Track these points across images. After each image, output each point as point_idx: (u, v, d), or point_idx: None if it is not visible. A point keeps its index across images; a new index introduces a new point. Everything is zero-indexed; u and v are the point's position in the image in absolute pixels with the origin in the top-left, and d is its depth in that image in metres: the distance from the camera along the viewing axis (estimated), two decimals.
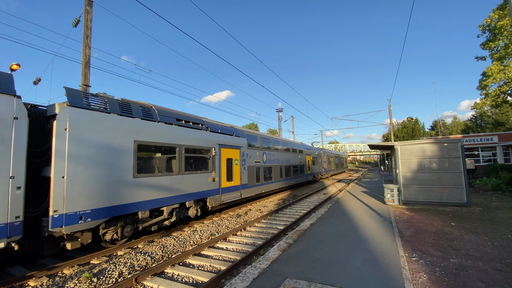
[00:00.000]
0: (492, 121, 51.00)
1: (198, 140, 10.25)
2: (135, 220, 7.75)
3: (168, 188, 8.59)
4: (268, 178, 16.57)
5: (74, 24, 10.43)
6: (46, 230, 5.67)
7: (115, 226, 7.14)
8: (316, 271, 4.87)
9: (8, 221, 4.98)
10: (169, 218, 8.78)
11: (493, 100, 18.32)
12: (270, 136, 19.45)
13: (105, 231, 6.96)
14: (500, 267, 4.95)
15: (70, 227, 5.88)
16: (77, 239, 6.33)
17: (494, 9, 16.91)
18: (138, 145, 7.68)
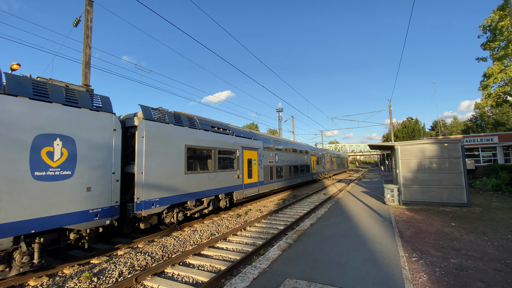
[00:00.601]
0: (492, 121, 50.96)
1: (227, 143, 12.20)
2: (185, 208, 9.61)
3: (207, 182, 10.59)
4: (280, 176, 18.34)
5: (75, 24, 10.44)
6: (131, 213, 7.50)
7: (172, 212, 8.98)
8: (316, 271, 4.87)
9: (111, 205, 6.85)
10: (208, 208, 10.72)
11: (494, 100, 18.33)
12: (281, 138, 21.66)
13: (166, 215, 8.74)
14: (500, 267, 4.95)
15: (147, 211, 7.74)
16: (148, 220, 8.12)
17: (494, 10, 16.91)
18: (187, 148, 9.59)
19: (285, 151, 20.05)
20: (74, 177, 6.14)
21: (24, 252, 5.20)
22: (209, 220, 10.87)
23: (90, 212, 6.39)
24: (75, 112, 6.34)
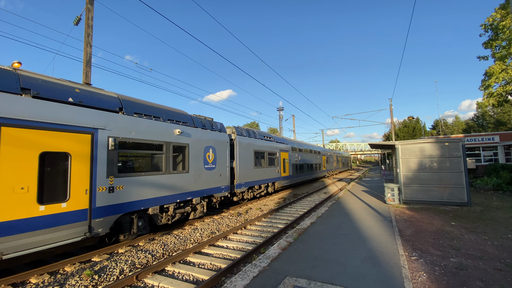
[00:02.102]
0: (493, 120, 50.83)
1: (272, 147, 17.41)
2: (253, 190, 14.95)
3: (263, 174, 15.67)
4: (302, 172, 23.43)
5: (75, 22, 10.44)
6: (233, 190, 12.55)
7: (248, 192, 14.31)
8: (316, 270, 4.89)
9: (228, 184, 11.81)
10: (264, 191, 16.09)
11: (496, 100, 18.25)
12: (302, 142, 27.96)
13: (246, 193, 14.06)
14: (500, 266, 4.96)
15: (239, 189, 12.93)
16: (238, 195, 13.28)
17: (496, 9, 16.80)
18: (254, 151, 14.87)
19: (304, 152, 24.74)
20: (216, 168, 11.06)
21: (202, 205, 10.17)
22: (210, 218, 10.90)
23: (221, 187, 11.35)
24: (214, 133, 11.22)
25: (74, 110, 6.12)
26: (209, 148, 10.61)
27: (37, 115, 5.44)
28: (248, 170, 13.90)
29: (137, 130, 7.52)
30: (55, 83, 6.20)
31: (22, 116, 5.19)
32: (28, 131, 5.28)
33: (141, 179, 7.49)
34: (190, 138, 9.56)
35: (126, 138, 7.17)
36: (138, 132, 7.52)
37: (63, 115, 5.88)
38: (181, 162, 9.29)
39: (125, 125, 7.19)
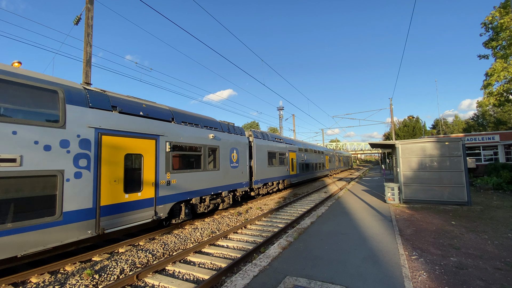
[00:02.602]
0: (494, 120, 50.80)
1: (282, 148, 19.04)
2: (267, 186, 16.56)
3: (275, 172, 17.37)
4: (307, 170, 25.01)
5: (75, 22, 10.43)
6: (251, 186, 14.26)
7: (263, 187, 15.90)
8: (316, 269, 4.90)
9: (247, 181, 13.52)
10: (276, 187, 17.92)
11: (496, 99, 18.23)
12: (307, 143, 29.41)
13: (261, 189, 15.73)
14: (500, 265, 4.96)
15: (256, 185, 14.59)
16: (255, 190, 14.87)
17: (495, 7, 16.78)
18: (268, 152, 16.45)
19: (310, 152, 26.21)
20: (238, 167, 12.78)
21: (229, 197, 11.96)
22: (210, 218, 10.91)
23: (242, 183, 13.13)
24: (237, 137, 13.08)
25: (144, 121, 7.92)
26: (233, 149, 12.50)
27: (122, 126, 7.15)
28: (263, 169, 15.66)
29: (184, 135, 9.37)
30: (130, 100, 8.02)
31: (113, 127, 6.91)
32: (117, 138, 7.00)
33: (187, 175, 9.33)
34: (220, 141, 11.38)
35: (177, 142, 8.98)
36: (184, 137, 9.38)
37: (137, 125, 7.65)
38: (213, 161, 11.10)
39: (176, 131, 9.02)
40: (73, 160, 6.03)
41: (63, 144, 5.89)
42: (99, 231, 6.30)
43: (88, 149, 6.35)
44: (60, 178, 5.73)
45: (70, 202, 5.85)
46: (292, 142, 21.94)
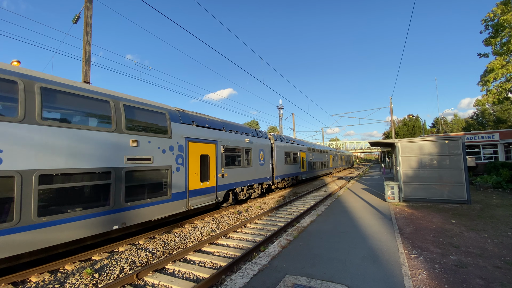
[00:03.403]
0: (493, 118, 50.79)
1: (295, 148, 21.87)
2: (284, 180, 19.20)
3: (290, 169, 20.13)
4: (314, 168, 27.56)
5: (74, 21, 10.39)
6: (273, 180, 16.95)
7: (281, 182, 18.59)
8: (316, 268, 4.90)
9: (270, 176, 16.49)
10: (290, 182, 20.62)
11: (495, 97, 18.21)
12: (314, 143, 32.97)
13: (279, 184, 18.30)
14: (500, 264, 4.96)
15: (277, 180, 17.36)
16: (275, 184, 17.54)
17: (497, 4, 16.72)
18: (284, 152, 19.21)
19: (316, 152, 28.99)
20: (264, 165, 15.48)
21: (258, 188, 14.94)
22: (210, 217, 10.91)
23: (267, 178, 15.83)
24: (263, 140, 15.90)
25: (209, 131, 10.92)
26: (260, 150, 15.44)
27: (198, 134, 10.10)
28: (281, 166, 18.51)
29: (231, 140, 12.32)
30: (200, 116, 10.97)
31: (193, 136, 9.81)
32: (196, 143, 9.90)
33: (233, 170, 12.27)
34: (252, 144, 14.26)
35: (227, 145, 11.88)
36: (231, 142, 12.30)
37: (205, 134, 10.61)
38: (248, 160, 13.89)
39: (226, 137, 11.97)
40: (175, 159, 8.81)
41: (170, 148, 8.65)
42: (189, 207, 9.23)
43: (182, 151, 9.17)
44: (169, 171, 8.51)
45: (174, 187, 8.62)
46: (302, 143, 24.85)
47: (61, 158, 5.82)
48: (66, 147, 5.94)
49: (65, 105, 6.48)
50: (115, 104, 7.18)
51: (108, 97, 7.15)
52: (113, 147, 6.90)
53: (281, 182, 18.74)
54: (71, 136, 6.06)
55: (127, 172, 7.12)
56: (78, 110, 6.74)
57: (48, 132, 5.67)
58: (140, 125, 7.99)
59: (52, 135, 5.73)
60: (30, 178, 5.27)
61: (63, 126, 6.01)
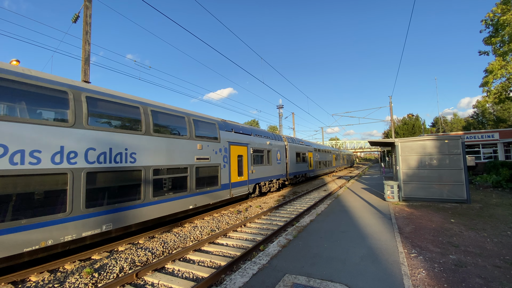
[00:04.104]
0: (493, 118, 50.79)
1: (304, 148, 24.40)
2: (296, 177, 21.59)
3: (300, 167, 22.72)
4: (320, 167, 30.26)
5: (74, 20, 10.38)
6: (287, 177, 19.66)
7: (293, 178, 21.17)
8: (315, 267, 4.90)
9: (285, 173, 19.31)
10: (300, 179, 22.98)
11: (495, 97, 18.20)
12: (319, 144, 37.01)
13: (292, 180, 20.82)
14: (499, 263, 4.97)
15: (290, 177, 20.17)
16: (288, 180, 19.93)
17: (497, 3, 16.69)
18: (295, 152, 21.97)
19: (322, 152, 31.71)
20: (280, 163, 18.11)
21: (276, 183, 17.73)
22: (210, 216, 10.91)
23: (282, 174, 18.47)
24: (279, 142, 18.64)
25: (242, 136, 13.71)
26: (277, 151, 18.06)
27: (235, 139, 12.82)
28: (293, 165, 21.01)
29: (257, 143, 15.21)
30: (235, 124, 13.87)
31: (233, 140, 12.53)
32: (234, 146, 12.59)
33: (258, 167, 15.09)
34: (271, 146, 17.05)
35: (254, 147, 14.78)
36: (257, 144, 15.19)
37: (240, 138, 13.39)
38: (268, 159, 16.61)
39: (254, 141, 14.87)
40: (222, 158, 11.57)
41: (219, 150, 11.43)
42: (231, 195, 12.13)
43: (226, 152, 11.92)
44: (219, 167, 11.33)
45: (222, 179, 11.50)
46: (309, 144, 27.58)
47: (163, 158, 8.48)
48: (165, 151, 8.61)
49: (165, 122, 9.28)
50: (188, 119, 10.05)
51: (184, 114, 9.99)
52: (188, 150, 9.72)
53: (293, 179, 21.50)
54: (168, 143, 8.81)
55: (196, 167, 9.92)
56: (170, 125, 9.53)
57: (157, 141, 8.37)
58: (202, 133, 10.76)
59: (159, 142, 8.41)
60: (149, 171, 7.87)
61: (164, 136, 8.73)
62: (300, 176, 22.98)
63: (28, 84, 5.65)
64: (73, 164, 6.07)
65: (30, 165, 5.32)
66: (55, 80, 6.19)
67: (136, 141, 7.67)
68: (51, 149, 5.72)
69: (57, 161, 5.81)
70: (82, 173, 6.20)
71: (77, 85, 6.67)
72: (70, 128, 6.17)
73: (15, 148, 5.15)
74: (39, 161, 5.47)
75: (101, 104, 7.18)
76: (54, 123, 6.03)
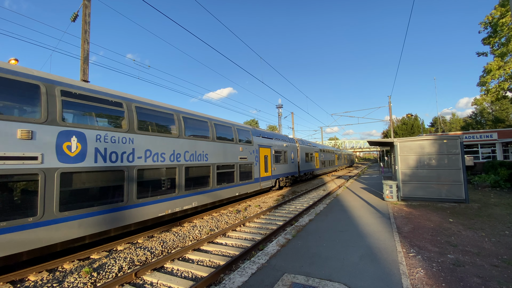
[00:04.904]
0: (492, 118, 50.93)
1: (312, 149, 27.33)
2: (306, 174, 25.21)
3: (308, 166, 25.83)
4: (324, 165, 33.11)
5: (73, 19, 10.34)
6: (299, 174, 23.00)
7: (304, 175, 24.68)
8: (314, 266, 4.91)
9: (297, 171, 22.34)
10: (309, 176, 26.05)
11: (493, 96, 18.28)
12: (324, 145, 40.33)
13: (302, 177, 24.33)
14: (497, 263, 4.99)
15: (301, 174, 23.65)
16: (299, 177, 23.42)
17: (496, 6, 16.75)
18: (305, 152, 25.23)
19: (326, 152, 34.96)
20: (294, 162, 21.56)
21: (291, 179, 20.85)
22: (209, 216, 10.91)
23: (296, 172, 21.79)
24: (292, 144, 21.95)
25: (267, 140, 16.84)
26: (291, 152, 21.13)
27: (262, 142, 16.09)
28: (303, 163, 24.12)
29: (277, 145, 18.30)
30: (262, 130, 17.40)
31: (261, 143, 15.83)
32: (262, 148, 15.82)
33: (278, 165, 17.99)
34: (287, 147, 20.07)
35: (275, 149, 17.81)
36: (277, 146, 18.27)
37: (266, 142, 16.57)
38: (285, 159, 19.53)
39: (275, 143, 17.97)
40: (254, 158, 14.70)
41: (253, 152, 14.56)
42: (260, 187, 15.27)
43: (257, 153, 15.06)
44: (253, 165, 14.40)
45: (254, 174, 14.57)
46: (316, 145, 31.12)
47: (221, 157, 11.70)
48: (222, 152, 11.83)
49: (221, 132, 12.22)
50: (233, 128, 13.30)
51: (231, 124, 13.21)
52: (235, 151, 12.89)
53: (303, 176, 24.53)
54: (224, 147, 12.05)
55: (239, 164, 13.10)
56: (224, 133, 12.47)
57: (218, 145, 11.63)
58: (242, 139, 13.83)
59: (219, 146, 11.67)
60: (214, 166, 11.10)
61: (222, 142, 11.99)
62: (309, 173, 25.93)
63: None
64: (179, 161, 9.26)
65: (159, 162, 8.45)
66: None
67: (207, 146, 10.84)
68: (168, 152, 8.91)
69: (172, 159, 9.02)
70: (182, 168, 9.36)
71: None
72: (176, 138, 9.32)
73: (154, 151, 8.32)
74: (164, 160, 8.65)
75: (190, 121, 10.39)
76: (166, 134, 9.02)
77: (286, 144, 20.00)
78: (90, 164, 6.41)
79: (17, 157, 5.18)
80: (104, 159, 6.73)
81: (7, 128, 5.10)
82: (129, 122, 7.56)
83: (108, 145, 6.88)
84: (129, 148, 7.41)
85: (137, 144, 7.66)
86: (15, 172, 5.14)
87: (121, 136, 7.25)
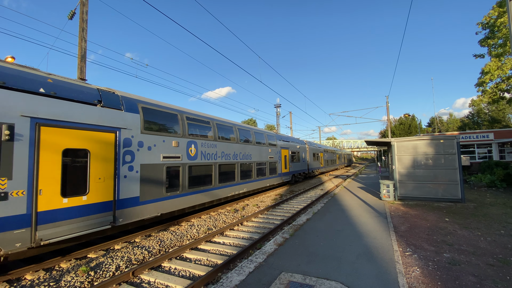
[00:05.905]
0: (488, 118, 51.30)
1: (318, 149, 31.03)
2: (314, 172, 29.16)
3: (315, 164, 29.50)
4: (327, 164, 36.80)
5: (70, 17, 10.27)
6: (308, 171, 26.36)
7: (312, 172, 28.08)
8: (311, 265, 4.93)
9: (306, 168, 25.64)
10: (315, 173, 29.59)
11: (490, 97, 18.41)
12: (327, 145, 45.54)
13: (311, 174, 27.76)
14: (492, 262, 5.04)
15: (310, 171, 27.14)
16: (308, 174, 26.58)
17: (493, 6, 16.85)
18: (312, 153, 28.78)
19: (329, 152, 38.71)
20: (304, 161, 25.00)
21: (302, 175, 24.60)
22: (206, 215, 10.91)
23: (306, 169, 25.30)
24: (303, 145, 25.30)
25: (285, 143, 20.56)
26: (303, 152, 24.43)
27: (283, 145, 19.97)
28: (311, 162, 27.34)
29: (292, 146, 21.77)
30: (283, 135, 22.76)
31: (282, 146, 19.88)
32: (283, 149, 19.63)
33: (293, 163, 21.30)
34: (299, 149, 23.31)
35: (291, 150, 21.39)
36: (292, 148, 21.64)
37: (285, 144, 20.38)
38: (298, 158, 22.76)
39: (291, 145, 21.55)
40: (278, 157, 18.42)
41: (277, 152, 18.38)
42: (282, 181, 18.97)
43: (279, 154, 18.72)
44: (277, 163, 18.26)
45: (278, 170, 18.30)
46: (321, 146, 35.02)
47: (257, 157, 15.24)
48: (258, 153, 15.40)
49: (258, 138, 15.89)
50: (265, 134, 16.86)
51: (263, 131, 16.85)
52: (265, 152, 16.46)
53: (311, 173, 27.49)
54: (259, 149, 15.63)
55: (269, 163, 16.66)
56: (258, 138, 15.99)
57: (255, 148, 15.23)
58: (269, 142, 17.34)
59: (256, 149, 15.21)
60: (255, 164, 14.99)
61: (258, 145, 15.46)
62: (316, 171, 29.60)
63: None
64: (236, 159, 12.93)
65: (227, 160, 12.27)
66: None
67: (250, 148, 14.51)
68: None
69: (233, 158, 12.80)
70: (238, 164, 13.11)
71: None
72: (235, 143, 13.17)
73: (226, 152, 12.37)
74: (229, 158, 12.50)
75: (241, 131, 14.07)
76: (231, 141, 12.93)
77: (299, 146, 23.52)
78: (200, 160, 10.26)
79: (173, 156, 9.00)
80: (205, 157, 10.60)
81: (168, 140, 8.85)
82: (214, 134, 11.50)
83: (205, 148, 10.65)
84: (214, 150, 11.28)
85: (218, 148, 11.57)
86: (172, 165, 8.89)
87: (210, 143, 11.05)
